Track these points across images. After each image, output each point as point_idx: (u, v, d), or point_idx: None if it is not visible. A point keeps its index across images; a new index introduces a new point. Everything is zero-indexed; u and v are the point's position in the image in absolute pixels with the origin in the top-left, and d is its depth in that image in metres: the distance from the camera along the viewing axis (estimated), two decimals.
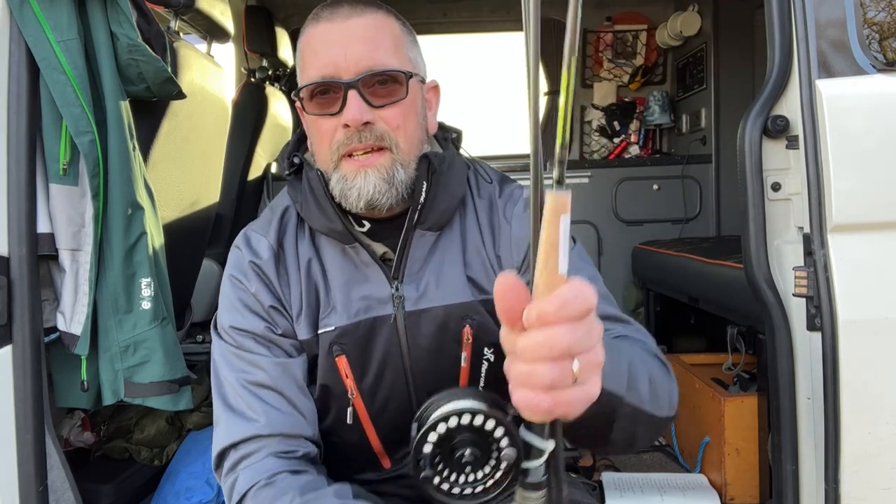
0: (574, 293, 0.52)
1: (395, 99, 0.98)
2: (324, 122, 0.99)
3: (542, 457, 0.58)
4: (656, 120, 3.58)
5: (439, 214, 1.05)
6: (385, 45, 0.99)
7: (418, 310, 1.04)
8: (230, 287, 1.08)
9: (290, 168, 1.09)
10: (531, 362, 0.53)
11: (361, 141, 0.97)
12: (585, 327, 0.53)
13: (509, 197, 1.11)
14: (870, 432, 1.22)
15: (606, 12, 3.58)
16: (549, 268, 0.53)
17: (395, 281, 1.05)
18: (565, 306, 0.52)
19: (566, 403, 0.54)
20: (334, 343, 1.04)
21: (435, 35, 3.58)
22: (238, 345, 1.04)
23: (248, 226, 1.13)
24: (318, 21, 1.00)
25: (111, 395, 1.41)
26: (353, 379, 1.05)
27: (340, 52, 0.96)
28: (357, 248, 1.04)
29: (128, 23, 1.37)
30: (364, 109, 0.95)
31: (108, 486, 1.71)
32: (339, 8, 0.99)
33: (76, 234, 1.35)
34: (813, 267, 1.24)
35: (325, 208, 1.02)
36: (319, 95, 0.99)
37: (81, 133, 1.31)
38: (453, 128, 1.17)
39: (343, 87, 0.95)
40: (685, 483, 2.01)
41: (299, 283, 1.06)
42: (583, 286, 0.53)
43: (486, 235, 1.08)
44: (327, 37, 0.98)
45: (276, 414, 1.00)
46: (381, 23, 1.00)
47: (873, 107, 1.25)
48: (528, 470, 0.59)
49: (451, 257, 1.06)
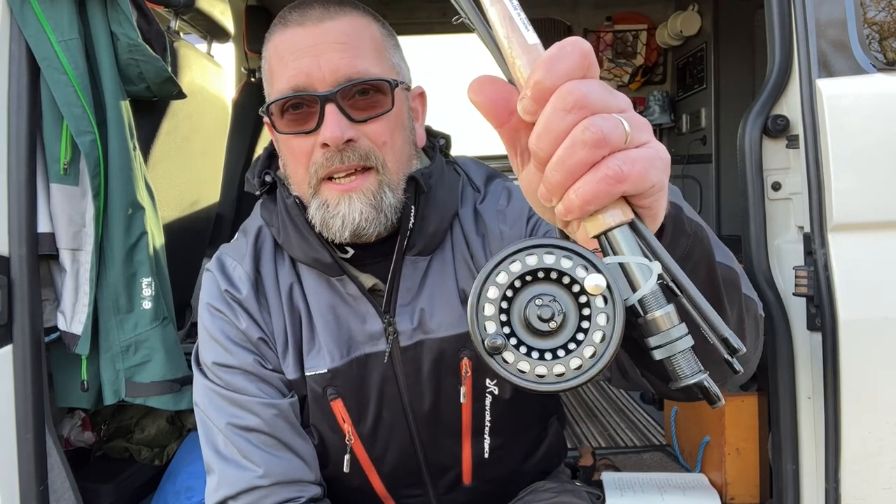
0: (558, 47, 0.43)
1: (379, 111, 0.86)
2: (298, 141, 0.87)
3: (652, 277, 0.45)
4: (656, 120, 3.58)
5: (430, 237, 0.95)
6: (365, 51, 0.87)
7: (413, 343, 0.95)
8: (209, 318, 0.97)
9: (261, 187, 0.98)
10: (560, 138, 0.42)
11: (343, 162, 0.84)
12: (597, 85, 0.43)
13: (490, 197, 1.02)
14: (870, 432, 1.22)
15: (606, 12, 3.58)
16: (515, 47, 0.45)
17: (386, 314, 0.95)
18: (555, 61, 0.43)
19: (632, 162, 0.43)
20: (328, 386, 0.95)
21: (435, 35, 3.58)
22: (225, 384, 0.94)
23: (222, 248, 1.03)
24: (286, 25, 0.87)
25: (112, 395, 1.41)
26: (350, 423, 0.97)
27: (313, 60, 0.83)
28: (344, 280, 0.94)
29: (128, 23, 1.37)
30: (344, 125, 0.83)
31: (108, 486, 1.70)
32: (309, 10, 0.87)
33: (77, 234, 1.35)
34: (813, 266, 1.24)
35: (306, 238, 0.92)
36: (291, 111, 0.87)
37: (82, 133, 1.31)
38: (440, 133, 1.05)
39: (319, 101, 0.83)
40: (685, 483, 2.01)
41: (281, 312, 0.97)
42: (566, 41, 0.44)
43: (476, 246, 0.98)
44: (298, 43, 0.85)
45: (274, 461, 0.93)
46: (359, 25, 0.88)
47: (874, 106, 1.25)
48: (643, 303, 0.45)
49: (446, 282, 0.97)
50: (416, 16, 3.42)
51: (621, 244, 0.45)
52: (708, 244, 0.61)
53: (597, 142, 0.42)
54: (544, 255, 0.45)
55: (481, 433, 1.01)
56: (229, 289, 0.97)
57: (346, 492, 1.05)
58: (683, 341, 0.45)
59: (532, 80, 0.43)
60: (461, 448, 1.02)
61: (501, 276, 0.45)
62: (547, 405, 1.13)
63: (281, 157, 0.96)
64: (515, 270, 0.45)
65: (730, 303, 0.64)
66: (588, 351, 0.45)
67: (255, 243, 1.00)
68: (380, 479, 1.02)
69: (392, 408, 0.98)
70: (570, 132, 0.42)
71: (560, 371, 0.45)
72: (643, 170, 0.43)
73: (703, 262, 0.60)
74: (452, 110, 3.49)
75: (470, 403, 0.98)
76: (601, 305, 0.45)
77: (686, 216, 0.58)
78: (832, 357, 1.22)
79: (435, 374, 0.96)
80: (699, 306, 0.46)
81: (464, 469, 1.04)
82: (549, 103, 0.43)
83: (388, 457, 1.00)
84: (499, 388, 0.98)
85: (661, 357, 0.45)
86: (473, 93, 0.46)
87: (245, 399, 0.94)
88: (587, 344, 0.45)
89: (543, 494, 1.11)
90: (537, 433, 1.11)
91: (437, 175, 0.96)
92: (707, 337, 0.46)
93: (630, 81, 3.63)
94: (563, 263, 0.45)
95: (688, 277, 0.47)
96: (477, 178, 1.05)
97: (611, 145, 0.43)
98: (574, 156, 0.43)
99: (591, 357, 0.45)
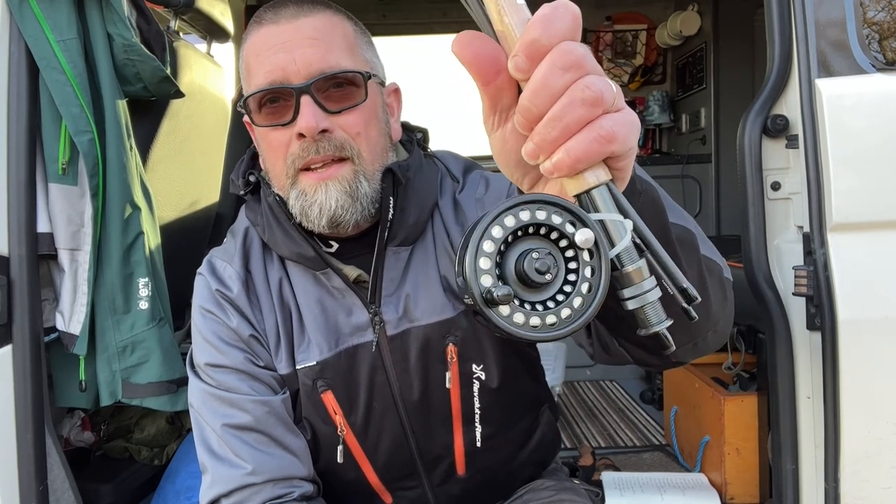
0: (551, 8, 0.43)
1: (353, 103, 0.89)
2: (275, 134, 0.90)
3: (627, 234, 0.48)
4: (656, 119, 3.58)
5: (410, 228, 0.97)
6: (338, 45, 0.90)
7: (400, 332, 0.97)
8: (201, 320, 0.99)
9: (245, 188, 1.00)
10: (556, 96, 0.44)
11: (319, 152, 0.87)
12: (585, 47, 0.44)
13: (469, 186, 1.04)
14: (870, 431, 1.22)
15: (606, 12, 3.58)
16: (502, 6, 0.45)
17: (372, 305, 0.97)
18: (551, 21, 0.43)
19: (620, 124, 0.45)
20: (318, 378, 0.97)
21: (435, 35, 3.58)
22: (217, 384, 0.97)
23: (211, 252, 1.05)
24: (260, 24, 0.90)
25: (109, 396, 1.41)
26: (342, 415, 0.98)
27: (288, 55, 0.86)
28: (329, 273, 0.96)
29: (122, 23, 1.37)
30: (320, 116, 0.86)
31: (108, 486, 1.70)
32: (283, 9, 0.90)
33: (75, 234, 1.35)
34: (813, 266, 1.24)
35: (290, 234, 0.94)
36: (268, 104, 0.89)
37: (81, 132, 1.31)
38: (418, 127, 1.08)
39: (294, 93, 0.86)
40: (685, 482, 2.02)
41: (273, 309, 0.99)
42: (556, 2, 0.44)
43: (455, 235, 1.00)
44: (272, 40, 0.88)
45: (265, 458, 0.94)
46: (332, 22, 0.91)
47: (873, 106, 1.25)
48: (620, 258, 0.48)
49: (428, 271, 0.99)
50: (416, 16, 3.42)
51: (599, 203, 0.48)
52: (660, 203, 0.64)
53: (595, 100, 0.44)
54: (536, 211, 0.47)
55: (472, 422, 1.02)
56: (220, 288, 0.99)
57: (342, 485, 1.05)
58: (653, 293, 0.49)
59: (528, 38, 0.44)
60: (453, 437, 1.03)
61: (496, 230, 0.47)
62: (537, 394, 1.13)
63: (261, 152, 0.98)
64: (510, 225, 0.47)
65: (687, 261, 0.67)
66: (577, 301, 0.48)
67: (243, 244, 1.02)
68: (374, 470, 1.03)
69: (382, 398, 0.99)
70: (568, 90, 0.44)
71: (552, 321, 0.48)
72: (627, 132, 0.46)
73: (656, 218, 0.63)
74: (452, 111, 3.49)
75: (458, 390, 0.99)
76: (587, 259, 0.48)
77: (637, 175, 0.61)
78: (832, 357, 1.22)
79: (423, 362, 0.98)
80: (662, 259, 0.50)
81: (457, 459, 1.05)
82: (546, 61, 0.43)
83: (380, 448, 1.02)
84: (486, 374, 0.99)
85: (634, 307, 0.49)
86: (459, 46, 0.46)
87: (236, 398, 0.95)
88: (576, 295, 0.48)
89: (543, 493, 1.11)
90: (529, 422, 1.12)
91: (416, 167, 0.99)
92: (668, 288, 0.50)
93: (630, 81, 3.63)
94: (553, 219, 0.47)
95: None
96: (455, 170, 1.07)
97: (604, 105, 0.44)
98: (572, 113, 0.44)
99: (580, 306, 0.48)
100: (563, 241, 0.48)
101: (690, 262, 0.68)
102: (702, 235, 0.74)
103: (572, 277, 0.48)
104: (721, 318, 0.76)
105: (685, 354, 0.75)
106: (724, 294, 0.76)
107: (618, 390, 3.20)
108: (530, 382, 1.10)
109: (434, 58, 3.75)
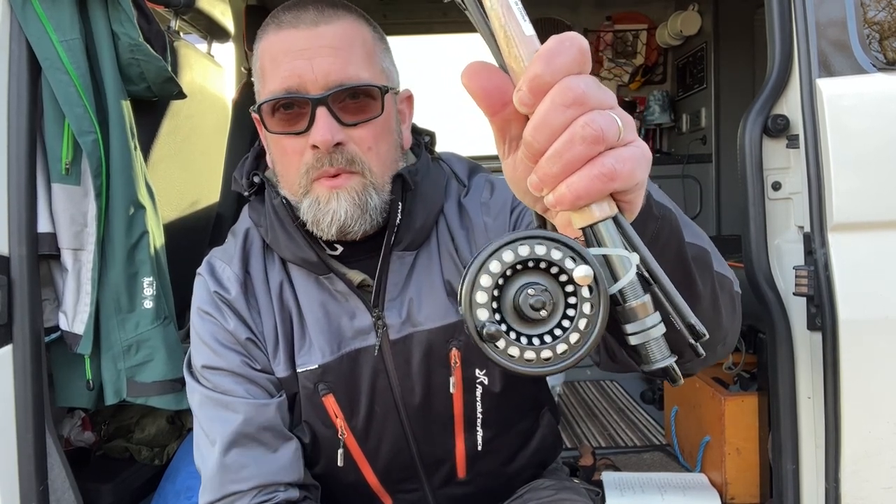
0: (557, 41, 0.43)
1: (368, 117, 0.89)
2: (289, 141, 0.89)
3: (631, 269, 0.47)
4: (656, 119, 3.58)
5: (416, 232, 0.97)
6: (357, 55, 0.89)
7: (402, 336, 0.97)
8: (199, 322, 0.99)
9: (249, 188, 1.00)
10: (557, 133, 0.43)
11: (333, 164, 0.87)
12: (592, 81, 0.44)
13: (474, 190, 1.03)
14: (870, 431, 1.22)
15: (606, 12, 3.58)
16: (511, 38, 0.45)
17: (375, 309, 0.97)
18: (554, 55, 0.43)
19: (623, 161, 0.44)
20: (319, 382, 0.97)
21: (435, 35, 3.58)
22: (213, 386, 0.96)
23: (212, 252, 1.05)
24: (279, 26, 0.90)
25: (113, 395, 1.41)
26: (343, 418, 0.98)
27: (307, 63, 0.86)
28: (332, 277, 0.96)
29: (129, 22, 1.37)
30: (335, 129, 0.86)
31: (108, 486, 1.70)
32: (303, 13, 0.89)
33: (79, 234, 1.35)
34: (813, 266, 1.24)
35: (293, 237, 0.94)
36: (283, 110, 0.89)
37: (84, 133, 1.31)
38: (425, 130, 1.08)
39: (311, 103, 0.86)
40: (685, 482, 2.02)
41: (272, 311, 0.98)
42: (563, 35, 0.44)
43: (460, 240, 0.99)
44: (292, 45, 0.87)
45: (252, 465, 0.94)
46: (353, 30, 0.90)
47: (874, 106, 1.25)
48: (623, 293, 0.47)
49: (431, 275, 0.98)
50: (417, 16, 3.42)
51: (605, 236, 0.47)
52: (677, 225, 0.64)
53: (595, 139, 0.43)
54: (535, 246, 0.47)
55: (473, 426, 1.02)
56: (218, 290, 0.98)
57: (342, 488, 1.05)
58: (657, 329, 0.48)
59: (531, 73, 0.43)
60: (454, 441, 1.03)
61: (494, 264, 0.47)
62: (538, 397, 1.13)
63: (270, 154, 0.97)
64: (508, 260, 0.47)
65: (702, 280, 0.67)
66: (573, 337, 0.48)
67: (243, 245, 1.01)
68: (374, 473, 1.03)
69: (384, 402, 0.99)
70: (569, 127, 0.43)
71: (547, 356, 0.48)
72: (632, 168, 0.45)
73: (672, 242, 0.62)
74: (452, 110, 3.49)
75: (461, 395, 0.99)
76: (587, 295, 0.48)
77: (654, 200, 0.60)
78: (832, 357, 1.22)
79: (425, 366, 0.97)
80: (670, 295, 0.49)
81: (458, 462, 1.04)
82: (548, 97, 0.43)
83: (381, 451, 1.01)
84: (489, 379, 0.99)
85: (637, 343, 0.48)
86: (467, 78, 0.46)
87: (231, 400, 0.95)
88: (573, 330, 0.48)
89: (543, 492, 1.11)
90: (529, 425, 1.12)
91: (423, 171, 0.99)
92: (675, 323, 0.49)
93: (630, 81, 3.63)
94: (553, 254, 0.47)
95: (658, 261, 0.49)
96: (461, 173, 1.07)
97: (607, 142, 0.44)
98: (571, 150, 0.43)
99: (576, 342, 0.48)
100: (564, 276, 0.48)
101: (705, 281, 0.68)
102: (715, 252, 0.73)
103: (571, 313, 0.48)
104: (730, 332, 0.76)
105: (693, 367, 0.75)
106: (733, 308, 0.76)
107: (618, 390, 3.20)
108: (531, 385, 1.10)
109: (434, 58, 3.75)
